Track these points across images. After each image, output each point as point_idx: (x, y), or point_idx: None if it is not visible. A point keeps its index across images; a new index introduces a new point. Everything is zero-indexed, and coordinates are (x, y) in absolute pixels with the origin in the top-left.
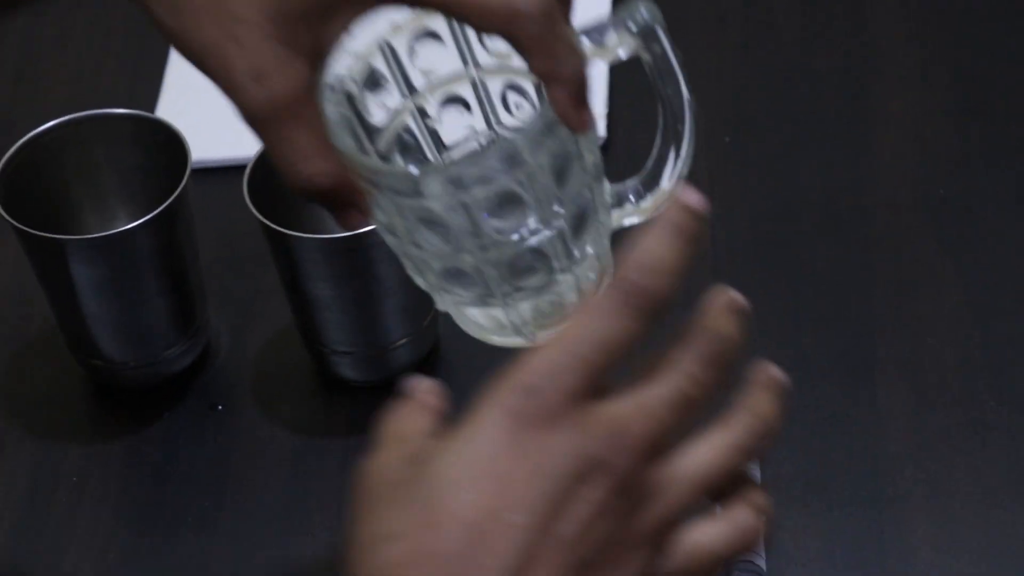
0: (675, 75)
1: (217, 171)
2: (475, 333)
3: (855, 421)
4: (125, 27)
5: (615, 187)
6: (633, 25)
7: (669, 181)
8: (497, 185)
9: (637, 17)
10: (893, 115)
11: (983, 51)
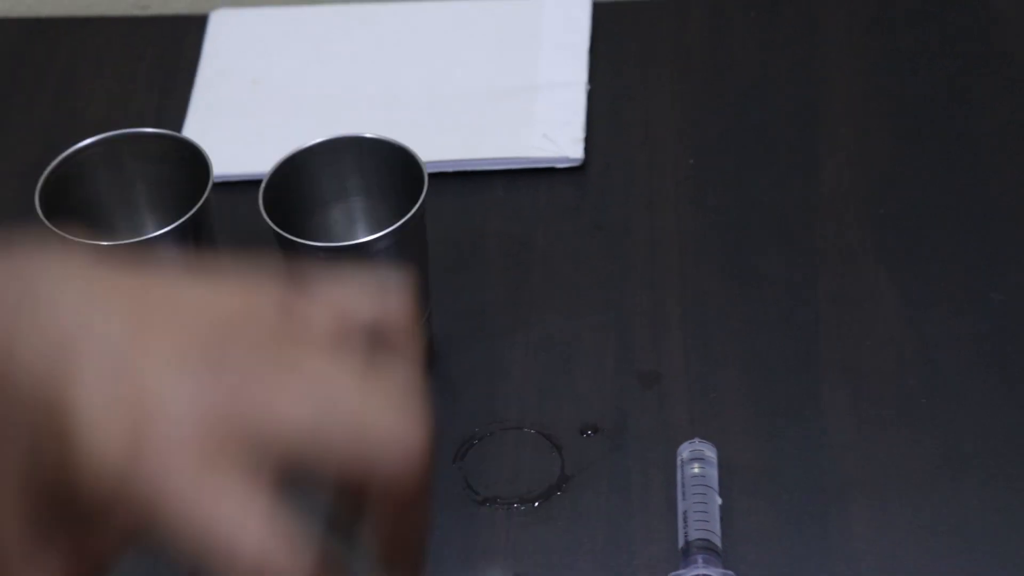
0: None
1: (236, 185)
2: None
3: (802, 415)
4: (155, 54)
5: None
6: None
7: None
8: None
9: None
10: (839, 140)
11: (920, 84)
